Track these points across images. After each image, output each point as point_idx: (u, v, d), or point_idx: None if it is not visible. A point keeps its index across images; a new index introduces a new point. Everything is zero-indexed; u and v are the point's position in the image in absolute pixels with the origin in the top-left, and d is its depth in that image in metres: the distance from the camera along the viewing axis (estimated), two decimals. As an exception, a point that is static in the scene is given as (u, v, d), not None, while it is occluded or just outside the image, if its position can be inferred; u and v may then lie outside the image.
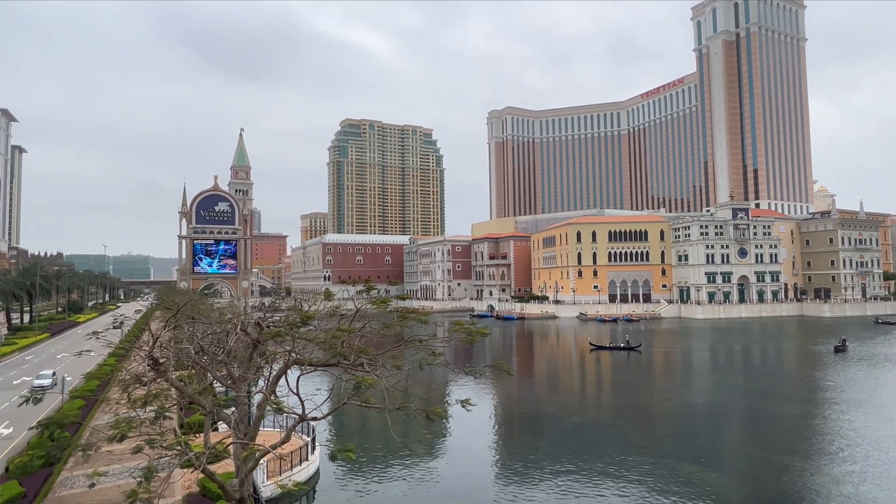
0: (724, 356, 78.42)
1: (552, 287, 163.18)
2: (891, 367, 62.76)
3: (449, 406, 41.55)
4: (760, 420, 41.53)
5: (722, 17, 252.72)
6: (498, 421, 42.73)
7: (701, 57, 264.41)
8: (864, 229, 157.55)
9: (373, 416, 31.56)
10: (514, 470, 30.46)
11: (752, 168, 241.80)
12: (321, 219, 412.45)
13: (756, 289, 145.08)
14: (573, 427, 39.82)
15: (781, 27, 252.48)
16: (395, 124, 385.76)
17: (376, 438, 36.24)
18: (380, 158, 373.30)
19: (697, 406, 46.40)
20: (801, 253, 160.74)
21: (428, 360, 17.10)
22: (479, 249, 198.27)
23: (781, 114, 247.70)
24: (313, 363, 17.96)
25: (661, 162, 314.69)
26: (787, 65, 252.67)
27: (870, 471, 28.99)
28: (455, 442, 35.93)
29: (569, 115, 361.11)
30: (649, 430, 38.64)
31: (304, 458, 28.84)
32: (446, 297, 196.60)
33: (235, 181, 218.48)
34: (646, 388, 55.01)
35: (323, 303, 27.40)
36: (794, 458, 31.18)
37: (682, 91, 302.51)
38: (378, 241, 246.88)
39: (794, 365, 69.94)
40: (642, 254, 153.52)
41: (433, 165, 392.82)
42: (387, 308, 19.36)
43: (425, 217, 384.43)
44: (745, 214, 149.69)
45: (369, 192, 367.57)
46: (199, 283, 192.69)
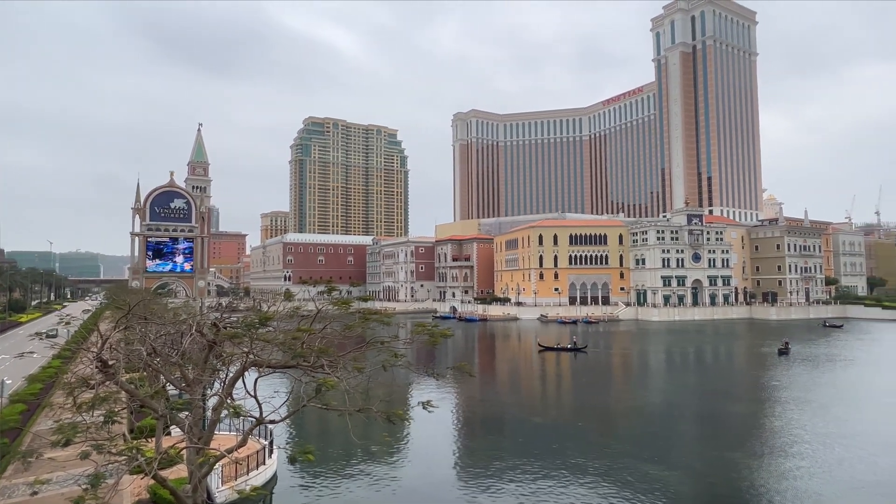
0: (678, 357, 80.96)
1: (514, 289, 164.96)
2: (831, 367, 66.13)
3: (411, 408, 41.46)
4: (712, 419, 43.05)
5: (680, 29, 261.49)
6: (460, 422, 42.87)
7: (659, 67, 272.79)
8: (809, 237, 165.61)
9: (333, 418, 31.14)
10: (475, 471, 30.60)
11: (707, 176, 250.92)
12: (282, 218, 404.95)
13: (709, 292, 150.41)
14: (534, 428, 40.31)
15: (735, 41, 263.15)
16: (360, 124, 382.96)
17: (336, 441, 35.79)
18: (343, 158, 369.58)
19: (653, 406, 47.73)
20: (750, 258, 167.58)
21: (390, 362, 17.02)
22: (442, 251, 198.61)
23: (734, 124, 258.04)
24: (272, 365, 17.61)
25: (620, 168, 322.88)
26: (740, 77, 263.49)
27: (816, 466, 30.43)
28: (417, 444, 35.83)
29: (532, 120, 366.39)
30: (608, 430, 39.50)
31: (262, 461, 28.21)
32: (409, 299, 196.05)
33: (193, 177, 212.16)
34: (604, 389, 56.24)
35: (283, 303, 26.88)
36: (745, 456, 32.43)
37: (641, 99, 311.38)
38: (340, 242, 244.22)
39: (743, 366, 72.81)
40: (602, 257, 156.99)
41: (398, 166, 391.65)
42: (348, 309, 19.17)
43: (389, 218, 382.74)
44: (700, 220, 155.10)
45: (332, 192, 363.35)
46: (153, 282, 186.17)
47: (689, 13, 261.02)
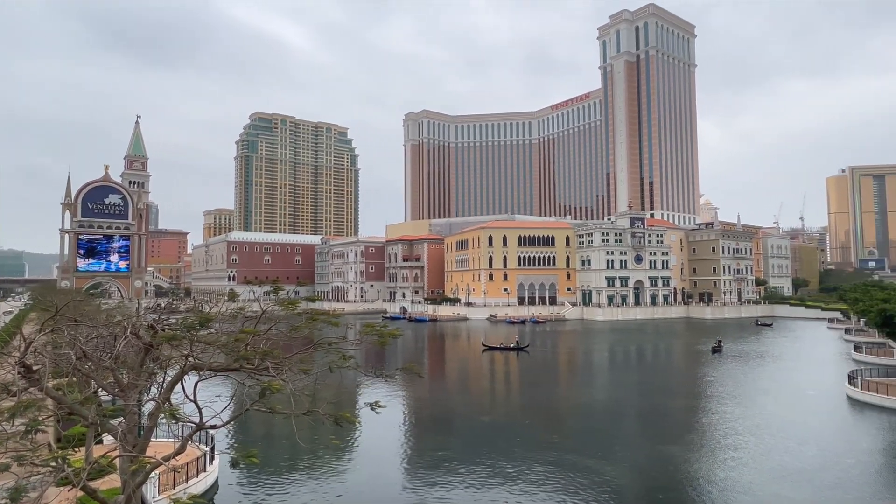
0: (620, 356, 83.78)
1: (464, 289, 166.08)
2: (760, 363, 70.23)
3: (359, 410, 40.98)
4: (652, 414, 44.78)
5: (624, 38, 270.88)
6: (409, 423, 42.72)
7: (605, 74, 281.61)
8: (741, 240, 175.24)
9: (279, 422, 30.34)
10: (424, 471, 30.56)
11: (649, 181, 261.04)
12: (226, 216, 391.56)
13: (650, 292, 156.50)
14: (482, 426, 40.68)
15: (675, 52, 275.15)
16: (309, 121, 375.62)
17: (282, 445, 34.90)
18: (292, 155, 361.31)
19: (597, 403, 49.18)
20: (688, 260, 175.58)
21: (338, 363, 16.73)
22: (393, 251, 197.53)
23: (674, 132, 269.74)
24: (213, 368, 16.95)
25: (568, 171, 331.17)
26: (680, 87, 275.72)
27: (748, 456, 32.18)
28: (365, 446, 35.44)
29: (483, 122, 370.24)
30: (554, 427, 40.35)
31: (202, 468, 27.16)
32: (359, 299, 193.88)
33: (130, 172, 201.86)
34: (550, 387, 57.46)
35: (226, 304, 25.96)
36: (682, 448, 33.90)
37: (588, 105, 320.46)
38: (288, 241, 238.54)
39: (681, 363, 76.16)
40: (549, 258, 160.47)
41: (348, 165, 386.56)
42: (295, 310, 18.71)
43: (338, 217, 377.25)
44: (642, 223, 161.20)
45: (280, 190, 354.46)
46: (85, 282, 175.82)
47: (634, 23, 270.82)
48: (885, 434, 38.11)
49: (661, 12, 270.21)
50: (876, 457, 33.07)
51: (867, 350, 72.74)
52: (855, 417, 42.83)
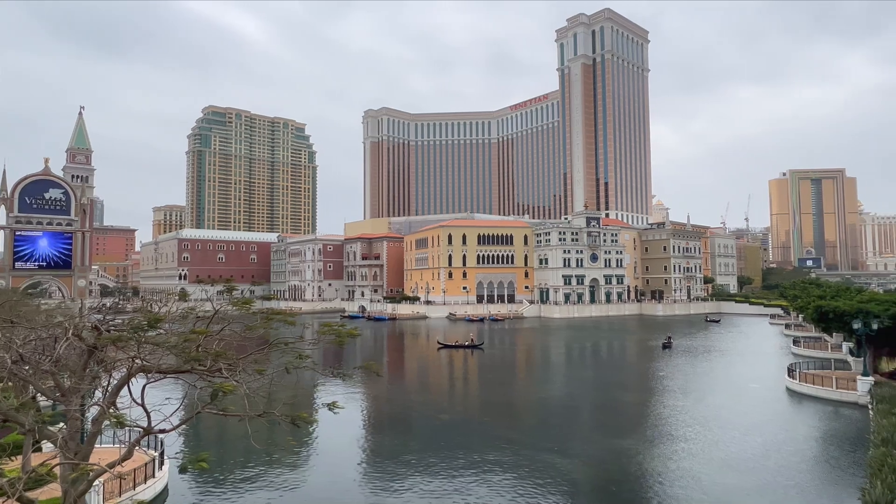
0: (576, 352, 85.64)
1: (423, 288, 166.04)
2: (708, 357, 73.19)
3: (316, 410, 40.36)
4: (606, 409, 45.97)
5: (581, 41, 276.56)
6: (367, 422, 42.38)
7: (563, 76, 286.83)
8: (690, 239, 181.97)
9: (233, 424, 29.53)
10: (383, 470, 30.37)
11: (604, 181, 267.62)
12: (178, 212, 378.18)
13: (604, 290, 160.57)
14: (441, 425, 40.78)
15: (630, 57, 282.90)
16: (266, 116, 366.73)
17: (236, 448, 34.00)
18: (247, 151, 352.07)
19: (553, 399, 50.09)
20: (641, 259, 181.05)
21: (294, 363, 16.40)
22: (351, 249, 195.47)
23: (628, 134, 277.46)
24: (163, 370, 16.32)
25: (526, 171, 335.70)
26: (634, 90, 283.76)
27: (697, 447, 33.47)
28: (322, 447, 34.94)
29: (443, 121, 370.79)
30: (511, 424, 40.86)
31: (151, 474, 26.16)
32: (316, 298, 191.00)
33: (73, 165, 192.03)
34: (508, 385, 58.15)
35: (176, 304, 25.03)
36: (634, 441, 34.93)
37: (546, 106, 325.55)
38: (243, 239, 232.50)
39: (633, 359, 78.50)
40: (508, 257, 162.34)
41: (306, 161, 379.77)
42: (250, 309, 18.23)
43: (296, 214, 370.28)
44: (597, 223, 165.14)
45: (234, 186, 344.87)
46: (22, 281, 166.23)
47: (591, 27, 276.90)
48: (821, 423, 40.40)
49: (616, 17, 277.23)
50: (812, 444, 35.01)
51: (805, 344, 76.87)
52: (794, 408, 45.18)
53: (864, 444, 31.61)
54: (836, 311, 52.92)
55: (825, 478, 28.91)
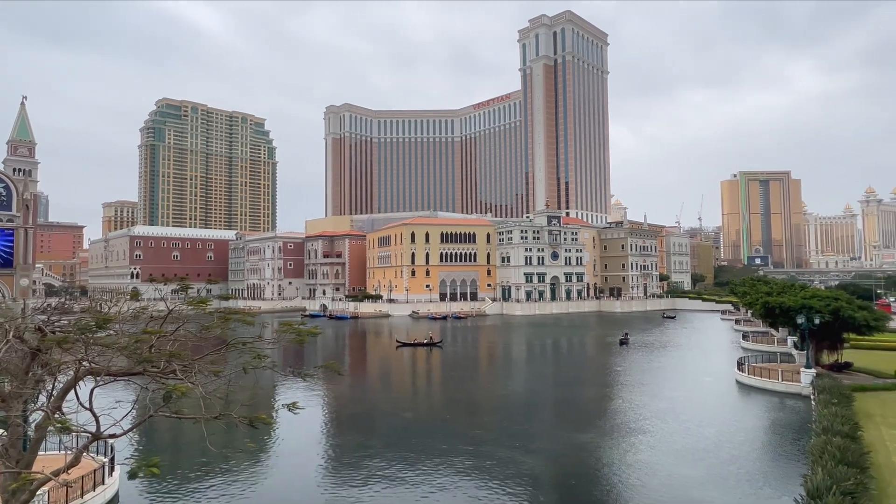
0: (537, 349, 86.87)
1: (386, 286, 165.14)
2: (663, 352, 75.52)
3: (276, 411, 39.61)
4: (566, 404, 46.81)
5: (543, 42, 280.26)
6: (329, 422, 41.84)
7: (525, 77, 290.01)
8: (647, 238, 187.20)
9: (188, 428, 28.64)
10: (344, 470, 30.05)
11: (565, 181, 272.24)
12: (129, 208, 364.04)
13: (565, 288, 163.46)
14: (404, 423, 40.66)
15: (590, 59, 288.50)
16: (223, 110, 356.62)
17: (192, 452, 33.00)
18: (204, 145, 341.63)
19: (515, 395, 50.65)
20: (600, 257, 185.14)
21: (252, 364, 15.99)
22: (312, 247, 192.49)
23: (588, 134, 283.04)
24: (112, 373, 15.64)
25: (489, 170, 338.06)
26: (594, 92, 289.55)
27: (654, 439, 34.47)
28: (282, 448, 34.30)
29: (406, 119, 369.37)
30: (473, 421, 41.10)
31: (100, 481, 25.08)
32: (276, 297, 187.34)
33: (14, 158, 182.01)
34: (471, 382, 58.49)
35: (128, 303, 24.06)
36: (594, 436, 35.70)
37: (509, 106, 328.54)
38: (199, 236, 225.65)
39: (592, 354, 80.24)
40: (471, 255, 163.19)
41: (265, 157, 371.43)
42: (206, 309, 17.68)
43: (255, 211, 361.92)
44: (558, 222, 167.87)
45: (190, 182, 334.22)
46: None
47: (552, 29, 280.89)
48: (768, 413, 42.29)
49: (577, 19, 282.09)
50: (760, 434, 36.61)
51: (753, 338, 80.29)
52: (743, 400, 47.11)
53: (807, 433, 33.24)
54: (782, 307, 55.42)
55: (772, 466, 30.27)
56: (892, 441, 30.88)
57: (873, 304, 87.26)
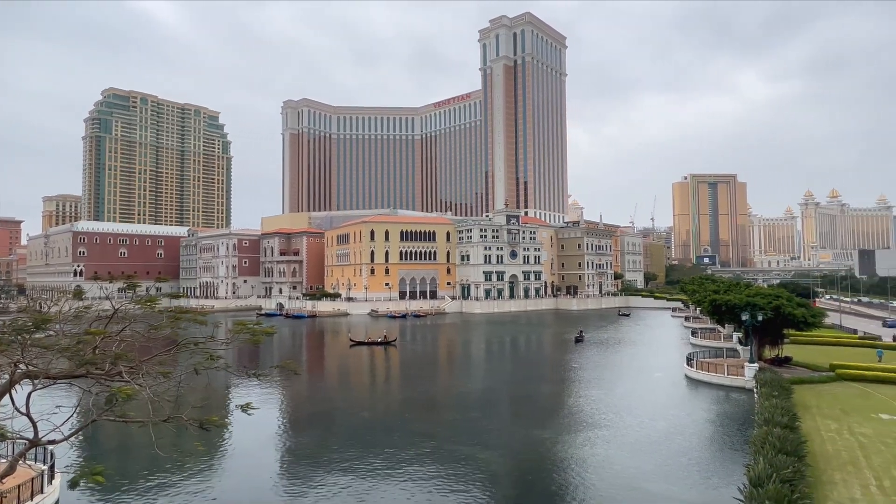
0: (496, 346, 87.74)
1: (345, 284, 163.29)
2: (617, 349, 77.61)
3: (229, 412, 38.57)
4: (523, 401, 47.45)
5: (503, 43, 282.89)
6: (285, 423, 41.02)
7: (485, 76, 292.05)
8: (602, 238, 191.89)
9: (136, 432, 27.50)
10: (301, 471, 29.53)
11: (524, 180, 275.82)
12: (73, 203, 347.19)
13: (523, 286, 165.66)
14: (362, 422, 40.30)
15: (549, 60, 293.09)
16: (175, 101, 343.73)
17: (139, 458, 31.73)
18: (154, 138, 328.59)
19: (473, 393, 51.00)
20: (557, 256, 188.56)
21: (204, 364, 15.50)
22: (269, 245, 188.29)
23: (546, 135, 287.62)
24: (52, 375, 14.86)
25: (449, 168, 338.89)
26: (552, 93, 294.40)
27: (610, 433, 35.35)
28: (236, 450, 33.40)
29: (366, 115, 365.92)
30: (432, 419, 41.15)
31: (38, 490, 23.80)
32: (231, 296, 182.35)
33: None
34: (429, 380, 58.53)
35: (69, 303, 22.90)
36: (551, 431, 36.32)
37: (469, 105, 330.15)
38: (148, 232, 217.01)
39: (549, 351, 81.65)
40: (431, 253, 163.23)
41: (219, 151, 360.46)
42: (154, 308, 17.02)
43: (208, 207, 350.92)
44: (517, 221, 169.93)
45: (139, 176, 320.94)
46: None
47: (512, 30, 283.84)
48: (715, 406, 44.08)
49: (536, 21, 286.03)
50: (708, 426, 38.13)
51: (701, 335, 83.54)
52: (692, 393, 48.95)
53: (751, 425, 34.83)
54: (728, 304, 57.84)
55: (719, 456, 31.58)
56: (826, 430, 32.75)
57: (811, 301, 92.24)
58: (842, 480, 24.71)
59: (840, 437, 31.26)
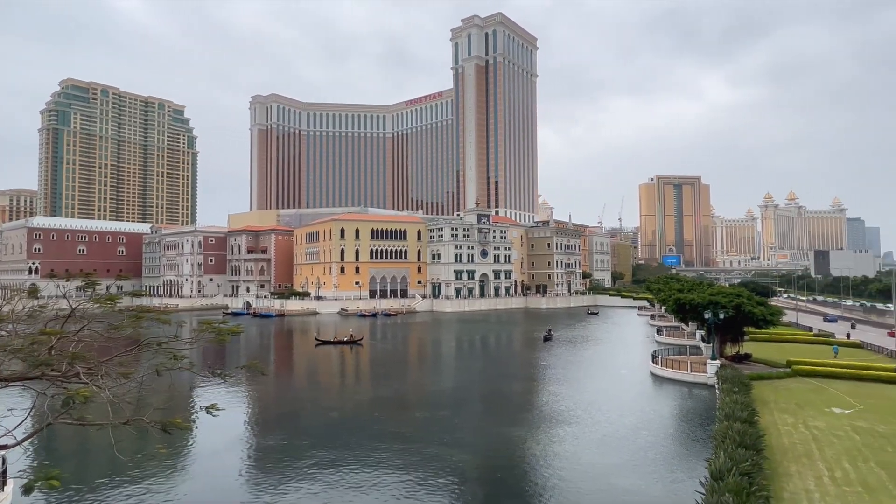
0: (466, 345, 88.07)
1: (314, 283, 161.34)
2: (585, 347, 78.86)
3: (194, 414, 37.71)
4: (493, 399, 47.78)
5: (475, 43, 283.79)
6: (252, 424, 40.30)
7: (457, 76, 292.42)
8: (572, 237, 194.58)
9: (95, 435, 26.60)
10: (268, 472, 29.04)
11: (494, 180, 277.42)
12: (28, 197, 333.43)
13: (493, 285, 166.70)
14: (331, 422, 39.91)
15: (520, 61, 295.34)
16: (138, 94, 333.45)
17: (98, 461, 30.70)
18: (115, 132, 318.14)
19: (443, 391, 51.09)
20: (527, 255, 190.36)
21: (167, 365, 15.08)
22: (236, 242, 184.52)
23: (518, 135, 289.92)
24: (4, 377, 14.23)
25: (420, 167, 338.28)
26: (523, 94, 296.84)
27: (579, 430, 35.90)
28: (201, 452, 32.63)
29: (337, 112, 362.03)
30: (401, 418, 41.02)
31: (-11, 498, 22.72)
32: (196, 294, 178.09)
33: None
34: (399, 379, 58.36)
35: (23, 301, 21.97)
36: (520, 429, 36.64)
37: (441, 104, 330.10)
38: (109, 229, 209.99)
39: (518, 350, 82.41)
40: (401, 252, 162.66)
41: (184, 146, 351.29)
42: (115, 307, 16.48)
43: (173, 204, 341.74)
44: (488, 220, 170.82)
45: (99, 171, 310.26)
46: None
47: (484, 30, 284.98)
48: (679, 402, 45.25)
49: (508, 22, 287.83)
50: (673, 422, 39.13)
51: (666, 333, 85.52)
52: (657, 390, 50.11)
53: (713, 420, 35.86)
54: (692, 303, 59.45)
55: (683, 450, 32.43)
56: (783, 424, 33.98)
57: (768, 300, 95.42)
58: (797, 472, 25.68)
59: (796, 431, 32.47)
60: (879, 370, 48.34)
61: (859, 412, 36.60)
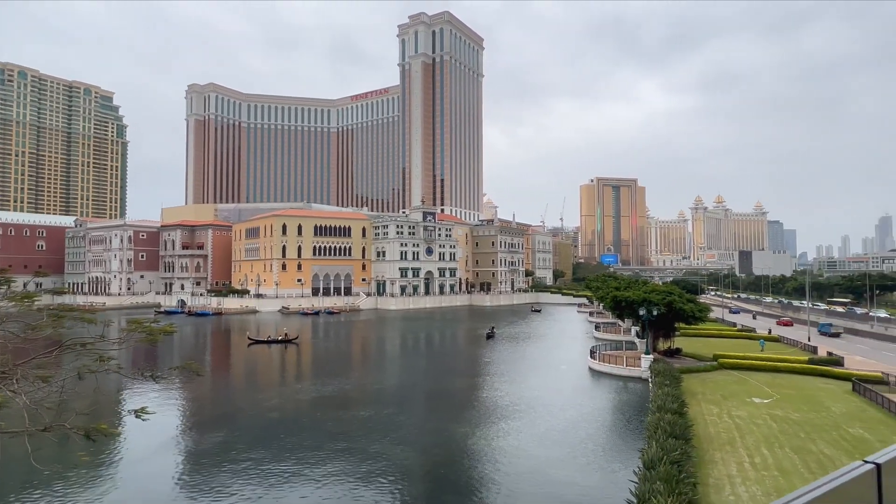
0: (410, 342, 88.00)
1: (254, 280, 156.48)
2: (526, 344, 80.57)
3: (121, 418, 35.76)
4: (436, 396, 47.99)
5: (422, 40, 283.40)
6: (186, 427, 38.62)
7: (404, 72, 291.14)
8: (515, 236, 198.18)
9: (9, 443, 24.67)
10: (202, 477, 27.92)
11: (440, 178, 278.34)
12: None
13: (438, 283, 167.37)
14: (271, 423, 38.85)
15: (466, 60, 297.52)
16: (61, 78, 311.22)
17: (13, 472, 28.51)
18: (35, 117, 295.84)
19: (386, 389, 50.85)
20: (472, 253, 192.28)
21: (91, 367, 14.20)
22: (170, 237, 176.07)
23: (463, 134, 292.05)
24: None
25: (366, 163, 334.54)
26: (469, 93, 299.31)
27: (522, 424, 36.61)
28: (129, 458, 30.94)
29: (280, 104, 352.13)
30: (344, 417, 40.50)
31: None
32: (125, 292, 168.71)
33: None
34: (342, 377, 57.55)
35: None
36: (463, 425, 36.99)
37: (388, 100, 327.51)
38: (27, 221, 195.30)
39: (462, 347, 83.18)
40: (345, 249, 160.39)
41: (113, 135, 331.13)
42: (33, 305, 15.36)
43: (100, 196, 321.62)
44: (433, 218, 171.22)
45: (16, 158, 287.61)
46: None
47: (431, 27, 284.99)
48: (616, 395, 47.05)
49: (455, 21, 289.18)
50: (610, 414, 40.68)
51: (604, 329, 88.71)
52: (595, 384, 51.90)
53: (646, 411, 37.54)
54: (627, 300, 61.93)
55: (619, 442, 33.77)
56: (709, 415, 36.03)
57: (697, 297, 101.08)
58: (721, 459, 27.32)
59: (720, 420, 34.52)
60: (794, 362, 52.15)
61: (776, 401, 39.34)
